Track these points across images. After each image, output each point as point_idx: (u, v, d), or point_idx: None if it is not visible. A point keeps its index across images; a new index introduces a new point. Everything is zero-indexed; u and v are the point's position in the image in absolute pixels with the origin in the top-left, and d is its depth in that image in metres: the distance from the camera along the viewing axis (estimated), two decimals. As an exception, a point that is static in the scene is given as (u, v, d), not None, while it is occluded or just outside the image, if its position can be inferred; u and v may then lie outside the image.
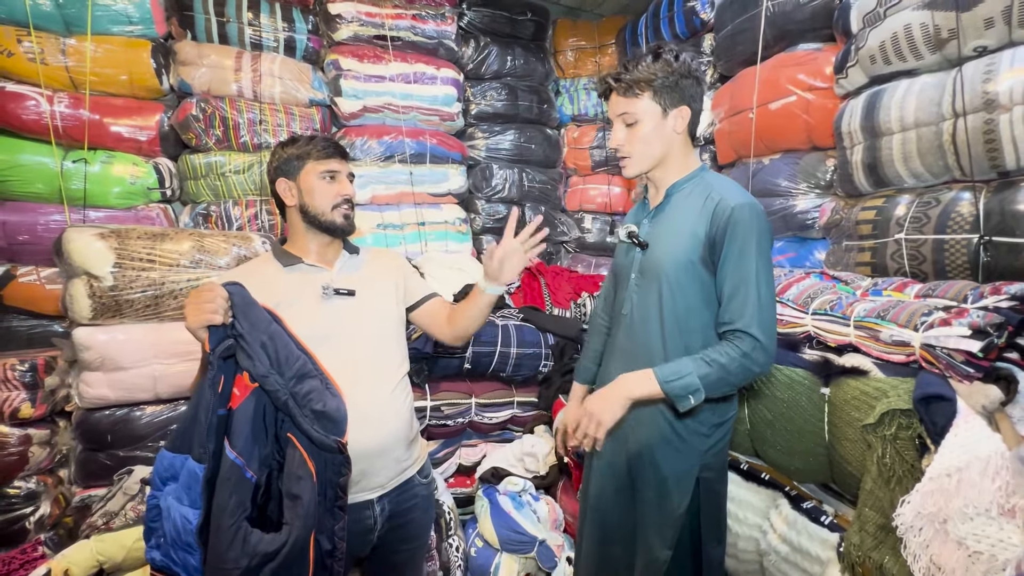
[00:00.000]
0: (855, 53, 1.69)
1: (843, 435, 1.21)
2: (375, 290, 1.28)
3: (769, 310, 1.08)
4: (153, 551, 0.97)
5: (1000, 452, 0.96)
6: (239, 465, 0.95)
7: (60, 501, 1.91)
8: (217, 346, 0.96)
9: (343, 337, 1.18)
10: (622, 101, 1.16)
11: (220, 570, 0.91)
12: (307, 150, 1.23)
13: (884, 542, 1.09)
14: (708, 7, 2.50)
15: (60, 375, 1.92)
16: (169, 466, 0.95)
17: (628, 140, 1.18)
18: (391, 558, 1.28)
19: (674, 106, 1.16)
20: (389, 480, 1.22)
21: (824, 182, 1.98)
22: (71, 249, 1.74)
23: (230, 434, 0.96)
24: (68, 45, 2.09)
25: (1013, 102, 1.30)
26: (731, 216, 1.08)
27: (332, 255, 1.28)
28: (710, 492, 1.20)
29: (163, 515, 0.94)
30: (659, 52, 1.15)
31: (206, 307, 0.94)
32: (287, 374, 1.00)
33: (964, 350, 1.05)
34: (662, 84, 1.13)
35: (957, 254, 1.42)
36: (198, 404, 0.95)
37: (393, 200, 2.77)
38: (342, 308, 1.21)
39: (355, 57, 2.61)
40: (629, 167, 1.21)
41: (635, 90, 1.14)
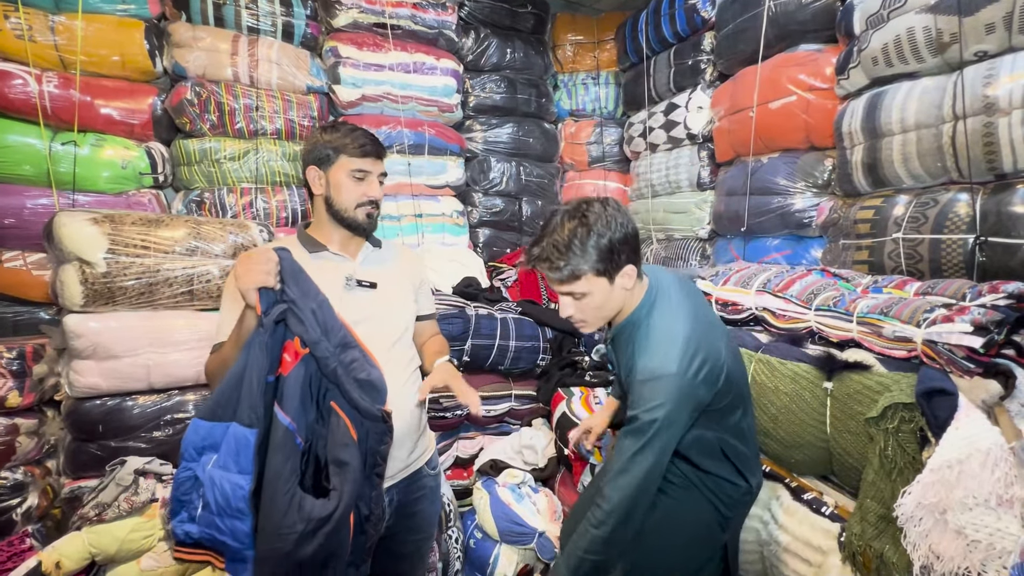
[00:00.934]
0: (857, 54, 1.72)
1: (845, 428, 1.24)
2: (395, 286, 1.29)
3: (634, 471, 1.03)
4: (186, 525, 0.95)
5: (999, 444, 1.00)
6: (292, 431, 0.94)
7: (48, 492, 1.86)
8: (270, 309, 0.95)
9: (362, 327, 1.18)
10: (564, 285, 1.08)
11: (276, 535, 0.91)
12: (344, 143, 1.21)
13: (884, 532, 1.12)
14: (709, 5, 2.52)
15: (49, 363, 1.86)
16: (207, 435, 0.93)
17: (580, 310, 1.11)
18: (398, 549, 1.28)
19: (618, 270, 1.07)
20: (399, 471, 1.23)
21: (822, 181, 2.02)
22: (63, 234, 1.68)
23: (282, 400, 0.95)
24: (57, 22, 2.01)
25: (1012, 106, 1.34)
26: (636, 386, 1.06)
27: (355, 246, 1.29)
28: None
29: (205, 486, 0.92)
30: (585, 216, 1.04)
31: (259, 268, 0.94)
32: (333, 342, 1.00)
33: (966, 346, 1.08)
34: (600, 258, 1.04)
35: (953, 254, 1.46)
36: (246, 368, 0.94)
37: (390, 191, 2.74)
38: (363, 299, 1.22)
39: (354, 45, 2.57)
40: (585, 328, 1.17)
41: (573, 275, 1.05)
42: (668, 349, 1.05)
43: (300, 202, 2.50)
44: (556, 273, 1.06)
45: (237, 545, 0.94)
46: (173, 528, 0.96)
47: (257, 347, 0.95)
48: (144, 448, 1.81)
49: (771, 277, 1.61)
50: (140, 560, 1.67)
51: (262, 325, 0.95)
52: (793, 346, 1.41)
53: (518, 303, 2.49)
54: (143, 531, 1.66)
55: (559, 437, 2.04)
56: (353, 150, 1.21)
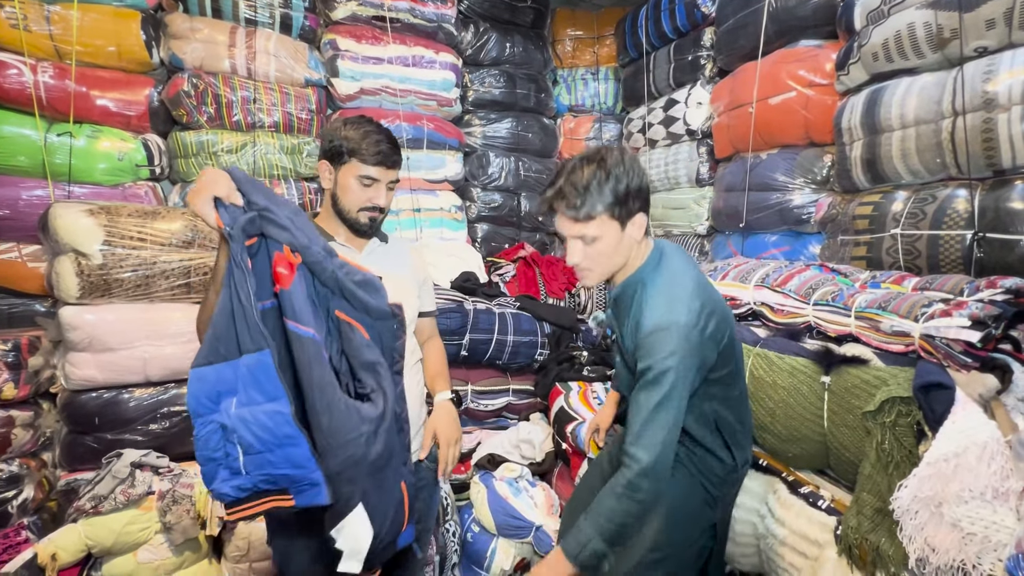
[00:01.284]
0: (858, 50, 1.72)
1: (842, 422, 1.24)
2: (400, 281, 1.29)
3: (658, 427, 1.01)
4: (232, 480, 0.89)
5: (996, 438, 1.00)
6: (318, 341, 0.90)
7: (44, 485, 1.85)
8: (235, 221, 0.87)
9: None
10: (577, 225, 1.06)
11: (346, 444, 0.90)
12: (358, 146, 1.19)
13: (881, 525, 1.13)
14: (709, 0, 2.51)
15: (44, 355, 1.85)
16: (217, 379, 0.87)
17: (587, 256, 1.09)
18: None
19: (630, 217, 1.07)
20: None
21: (820, 177, 2.02)
22: (58, 226, 1.67)
23: (294, 314, 0.90)
24: (53, 12, 1.99)
25: (1012, 102, 1.34)
26: (642, 341, 1.05)
27: (362, 240, 1.29)
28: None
29: (238, 430, 0.87)
30: (603, 164, 1.05)
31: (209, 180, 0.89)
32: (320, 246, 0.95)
33: (963, 340, 1.08)
34: (615, 200, 1.04)
35: (952, 249, 1.47)
36: (232, 294, 0.87)
37: (389, 185, 2.73)
38: None
39: (353, 37, 2.55)
40: (589, 279, 1.14)
41: (588, 215, 1.05)
42: (676, 302, 1.05)
43: (298, 196, 2.49)
44: (571, 211, 1.05)
45: (300, 472, 0.90)
46: (217, 490, 0.90)
47: (237, 268, 0.87)
48: (140, 441, 1.81)
49: (769, 272, 1.61)
50: (136, 552, 1.67)
51: (232, 239, 0.86)
52: (791, 340, 1.41)
53: (516, 298, 2.49)
54: (139, 523, 1.66)
55: (557, 431, 2.04)
56: (366, 156, 1.19)
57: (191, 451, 1.88)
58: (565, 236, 1.10)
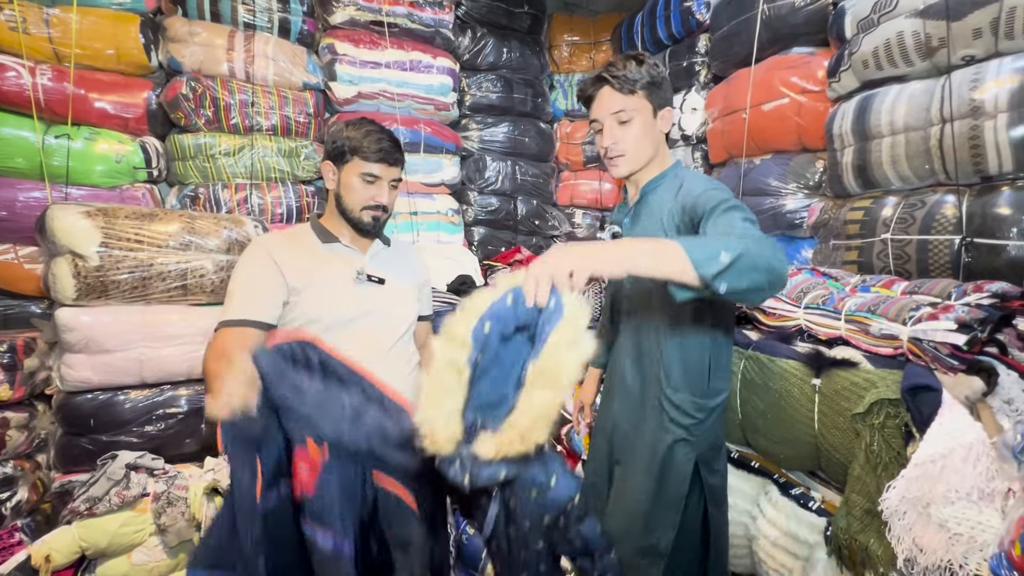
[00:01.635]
0: (848, 58, 1.75)
1: (832, 424, 1.26)
2: (401, 284, 1.32)
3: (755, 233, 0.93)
4: None
5: (981, 440, 1.01)
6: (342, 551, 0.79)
7: (38, 487, 1.85)
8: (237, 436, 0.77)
9: (368, 321, 1.21)
10: (618, 97, 1.16)
11: None
12: (360, 144, 1.21)
13: (870, 525, 1.14)
14: (704, 8, 2.55)
15: (40, 357, 1.86)
16: None
17: (622, 138, 1.17)
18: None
19: (661, 107, 1.20)
20: None
21: (813, 183, 2.04)
22: (56, 227, 1.68)
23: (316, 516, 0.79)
24: (52, 15, 2.01)
25: (998, 110, 1.36)
26: (701, 194, 1.07)
27: (366, 241, 1.31)
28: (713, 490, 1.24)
29: None
30: (641, 59, 1.18)
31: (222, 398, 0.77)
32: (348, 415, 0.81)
33: (950, 343, 1.10)
34: (652, 83, 1.16)
35: (940, 254, 1.49)
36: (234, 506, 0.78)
37: (386, 188, 2.75)
38: (372, 294, 1.24)
39: (351, 42, 2.57)
40: (622, 165, 1.20)
41: (630, 86, 1.15)
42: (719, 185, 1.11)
43: (295, 198, 2.50)
44: (616, 82, 1.15)
45: None
46: None
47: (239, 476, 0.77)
48: (135, 442, 1.81)
49: (762, 276, 1.63)
50: (131, 554, 1.67)
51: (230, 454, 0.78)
52: (782, 343, 1.43)
53: (512, 301, 2.50)
54: (134, 525, 1.66)
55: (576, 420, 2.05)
56: (368, 153, 1.21)
57: (186, 453, 1.90)
58: (602, 120, 1.19)
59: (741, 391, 1.46)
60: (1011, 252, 1.35)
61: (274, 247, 1.21)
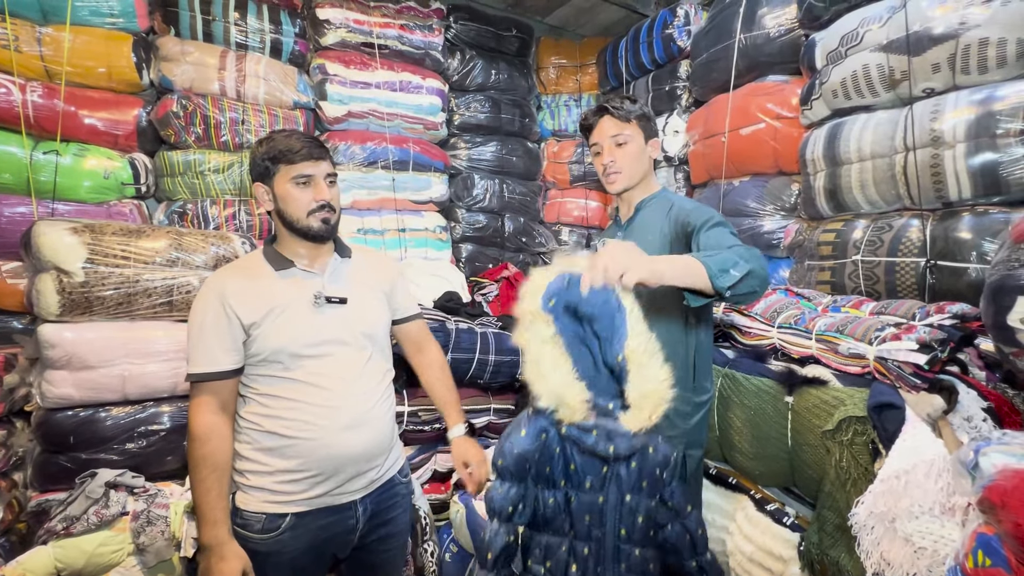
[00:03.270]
0: (819, 87, 1.83)
1: (805, 441, 1.30)
2: (365, 297, 1.27)
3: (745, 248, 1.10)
4: None
5: (942, 456, 1.06)
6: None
7: (14, 505, 1.82)
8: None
9: (334, 344, 1.18)
10: (617, 124, 1.38)
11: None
12: (280, 152, 1.16)
13: (840, 541, 1.17)
14: (685, 35, 2.64)
15: (20, 373, 1.84)
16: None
17: (619, 157, 1.38)
18: (370, 559, 1.29)
19: (651, 137, 1.41)
20: (372, 482, 1.24)
21: (789, 204, 2.11)
22: (41, 243, 1.68)
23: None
24: (44, 34, 2.03)
25: (956, 140, 1.44)
26: (691, 211, 1.27)
27: (323, 258, 1.25)
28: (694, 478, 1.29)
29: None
30: (634, 99, 1.43)
31: None
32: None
33: (912, 362, 1.15)
34: (644, 116, 1.40)
35: (907, 275, 1.55)
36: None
37: (374, 206, 2.78)
38: (334, 316, 1.20)
39: (341, 63, 2.62)
40: (618, 181, 1.39)
41: (626, 116, 1.37)
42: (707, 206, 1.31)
43: (283, 215, 2.52)
44: (616, 112, 1.37)
45: None
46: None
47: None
48: (116, 460, 1.79)
49: (739, 295, 1.68)
50: (108, 575, 1.65)
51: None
52: (757, 362, 1.47)
53: (499, 318, 2.53)
54: (112, 545, 1.63)
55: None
56: (290, 156, 1.16)
57: (168, 470, 1.88)
58: (601, 144, 1.39)
59: (718, 408, 1.50)
60: (972, 274, 1.41)
61: (224, 287, 1.15)
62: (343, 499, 1.18)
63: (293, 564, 1.15)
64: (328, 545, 1.20)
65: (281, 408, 1.13)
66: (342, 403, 1.16)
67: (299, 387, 1.13)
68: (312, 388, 1.14)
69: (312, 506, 1.15)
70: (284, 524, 1.12)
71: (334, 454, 1.14)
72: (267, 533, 1.12)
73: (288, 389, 1.13)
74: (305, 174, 1.17)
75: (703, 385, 1.30)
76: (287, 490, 1.13)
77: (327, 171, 1.21)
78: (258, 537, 1.12)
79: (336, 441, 1.14)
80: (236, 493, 1.15)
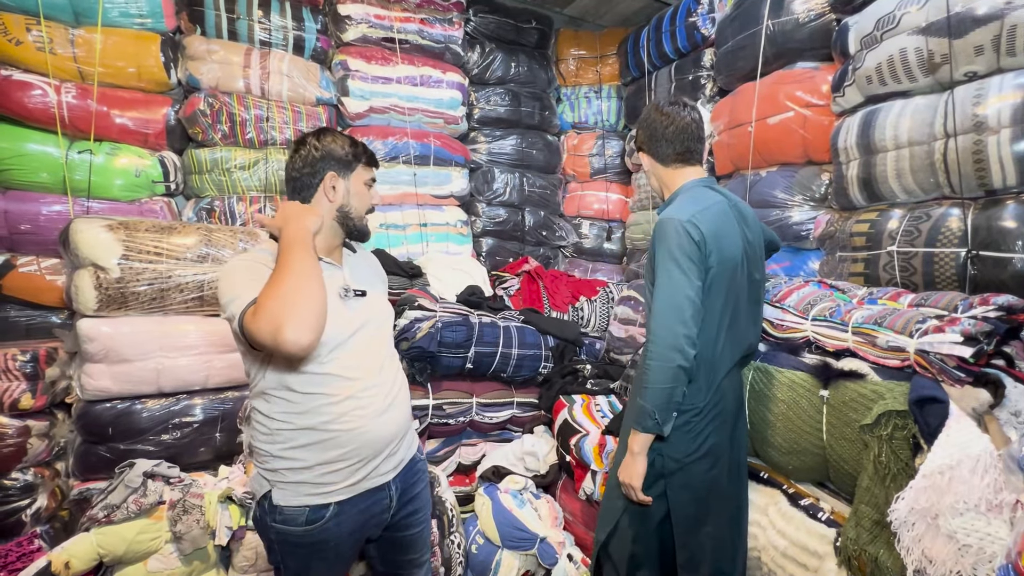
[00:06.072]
0: (852, 73, 1.78)
1: (841, 435, 1.27)
2: (376, 290, 1.34)
3: (660, 312, 1.22)
4: None
5: (989, 452, 1.03)
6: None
7: (57, 494, 1.89)
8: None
9: (362, 333, 1.22)
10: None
11: None
12: (358, 152, 1.25)
13: (879, 536, 1.15)
14: (709, 23, 2.59)
15: (61, 366, 1.90)
16: None
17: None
18: (400, 535, 1.33)
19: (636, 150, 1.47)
20: (401, 461, 1.28)
21: (819, 195, 2.06)
22: (79, 240, 1.73)
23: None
24: (77, 36, 2.08)
25: (1001, 125, 1.39)
26: (655, 230, 1.28)
27: (339, 252, 1.29)
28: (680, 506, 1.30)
29: None
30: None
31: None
32: None
33: (956, 356, 1.12)
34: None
35: (946, 267, 1.50)
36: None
37: (396, 200, 2.79)
38: (358, 307, 1.24)
39: (363, 58, 2.64)
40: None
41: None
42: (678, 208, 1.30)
43: (308, 211, 2.55)
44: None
45: None
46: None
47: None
48: (152, 451, 1.85)
49: (769, 288, 1.65)
50: (147, 561, 1.70)
51: None
52: (790, 355, 1.45)
53: (521, 312, 2.52)
54: (151, 533, 1.68)
55: (561, 444, 2.06)
56: (368, 160, 1.26)
57: (201, 461, 1.93)
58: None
59: (750, 402, 1.48)
60: (1017, 265, 1.36)
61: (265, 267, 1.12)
62: (378, 481, 1.22)
63: (336, 551, 1.19)
64: (365, 528, 1.23)
65: (316, 404, 1.13)
66: (375, 391, 1.20)
67: (332, 381, 1.15)
68: (345, 381, 1.16)
69: (353, 492, 1.18)
70: (328, 514, 1.15)
71: (372, 440, 1.18)
72: (311, 524, 1.14)
73: (321, 384, 1.14)
74: (374, 178, 1.28)
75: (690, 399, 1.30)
76: (328, 480, 1.15)
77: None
78: (302, 530, 1.14)
79: (373, 427, 1.18)
80: (272, 492, 1.15)
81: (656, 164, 1.42)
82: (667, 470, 1.28)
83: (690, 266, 1.21)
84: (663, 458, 1.27)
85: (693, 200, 1.30)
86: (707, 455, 1.28)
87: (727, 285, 1.27)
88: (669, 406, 1.21)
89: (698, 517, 1.29)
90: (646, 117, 1.43)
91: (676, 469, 1.27)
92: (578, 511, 2.00)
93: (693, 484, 1.28)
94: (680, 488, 1.28)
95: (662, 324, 1.20)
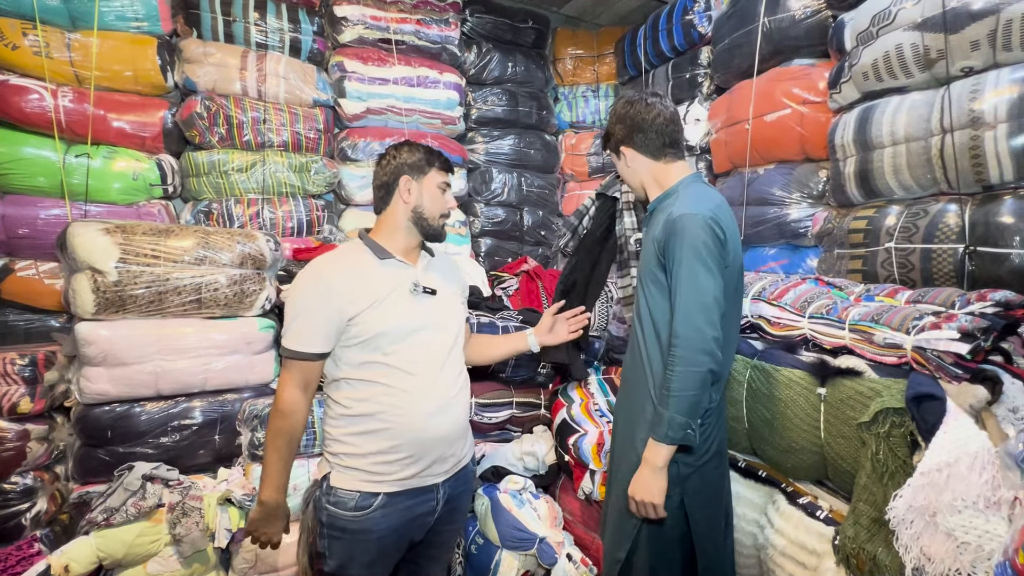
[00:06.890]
0: (848, 70, 1.77)
1: (838, 433, 1.27)
2: (449, 292, 1.38)
3: (688, 315, 1.15)
4: None
5: (987, 448, 1.02)
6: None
7: (56, 497, 1.89)
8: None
9: (428, 330, 1.27)
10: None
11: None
12: (431, 158, 1.31)
13: (877, 535, 1.15)
14: (706, 20, 2.58)
15: (60, 370, 1.90)
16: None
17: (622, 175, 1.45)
18: (437, 539, 1.36)
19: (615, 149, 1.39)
20: (453, 466, 1.30)
21: (816, 192, 2.06)
22: (76, 244, 1.73)
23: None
24: (73, 40, 2.08)
25: (997, 120, 1.38)
26: (673, 225, 1.19)
27: (415, 255, 1.36)
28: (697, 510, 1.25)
29: None
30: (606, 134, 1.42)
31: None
32: None
33: (953, 352, 1.11)
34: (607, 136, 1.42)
35: (944, 263, 1.50)
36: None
37: (394, 201, 2.79)
38: (428, 304, 1.30)
39: (359, 59, 2.64)
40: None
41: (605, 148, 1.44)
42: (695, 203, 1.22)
43: (305, 212, 2.55)
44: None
45: None
46: None
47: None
48: (151, 454, 1.85)
49: (766, 285, 1.65)
50: (147, 564, 1.70)
51: None
52: (787, 353, 1.44)
53: (519, 311, 2.52)
54: (150, 535, 1.68)
55: (559, 444, 2.06)
56: (441, 164, 1.32)
57: (200, 463, 1.93)
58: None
59: (747, 400, 1.48)
60: (1014, 260, 1.36)
61: (333, 276, 1.24)
62: (428, 481, 1.25)
63: (379, 544, 1.21)
64: (409, 527, 1.25)
65: (374, 393, 1.21)
66: (431, 389, 1.24)
67: (392, 373, 1.21)
68: (404, 374, 1.21)
69: (402, 487, 1.22)
70: (376, 503, 1.19)
71: (423, 437, 1.22)
72: (360, 511, 1.19)
73: (382, 374, 1.21)
74: (447, 182, 1.34)
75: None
76: (380, 470, 1.20)
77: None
78: (350, 515, 1.19)
79: (425, 425, 1.22)
80: (331, 473, 1.22)
81: (643, 158, 1.33)
82: (683, 475, 1.23)
83: (716, 265, 1.16)
84: (678, 464, 1.21)
85: (705, 196, 1.24)
86: (716, 454, 1.28)
87: (735, 284, 1.27)
88: (697, 413, 1.15)
89: (716, 515, 1.29)
90: (624, 112, 1.34)
91: (691, 472, 1.24)
92: (577, 511, 2.00)
93: (707, 484, 1.28)
94: (696, 492, 1.25)
95: (692, 326, 1.13)
